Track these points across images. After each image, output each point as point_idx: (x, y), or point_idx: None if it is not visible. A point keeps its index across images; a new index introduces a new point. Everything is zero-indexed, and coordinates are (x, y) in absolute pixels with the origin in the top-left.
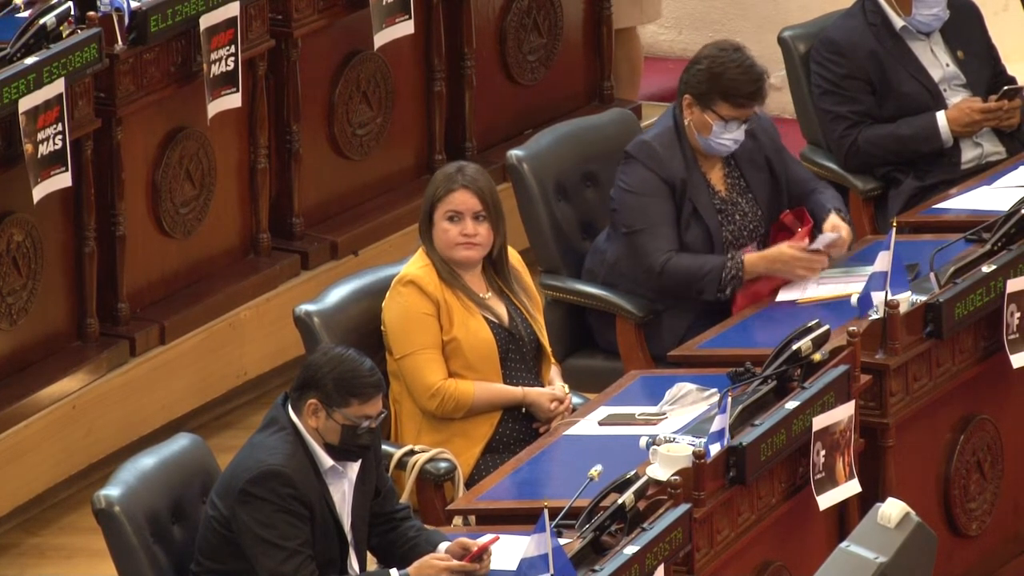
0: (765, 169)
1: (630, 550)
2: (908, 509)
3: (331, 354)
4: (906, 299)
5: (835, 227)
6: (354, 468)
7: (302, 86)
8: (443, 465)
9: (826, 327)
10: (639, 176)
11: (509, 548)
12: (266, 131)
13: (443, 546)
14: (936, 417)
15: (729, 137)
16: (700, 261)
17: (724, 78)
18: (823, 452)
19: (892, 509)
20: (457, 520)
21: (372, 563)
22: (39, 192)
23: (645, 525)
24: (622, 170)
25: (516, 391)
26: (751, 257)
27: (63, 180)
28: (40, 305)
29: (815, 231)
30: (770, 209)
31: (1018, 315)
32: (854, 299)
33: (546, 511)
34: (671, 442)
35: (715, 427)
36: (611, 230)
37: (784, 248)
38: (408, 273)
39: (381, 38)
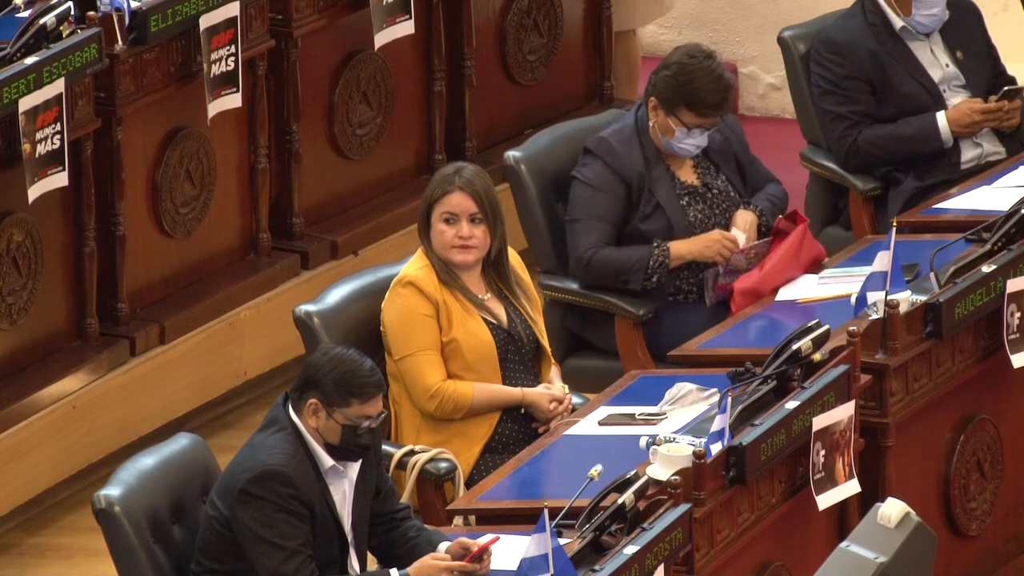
0: (732, 162)
1: (630, 550)
2: (908, 509)
3: (331, 354)
4: (906, 299)
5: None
6: (354, 468)
7: (302, 86)
8: (443, 465)
9: (826, 327)
10: (595, 170)
11: (509, 548)
12: (266, 131)
13: (443, 546)
14: (936, 417)
15: (692, 142)
16: (626, 254)
17: (690, 87)
18: (823, 452)
19: (892, 509)
20: (457, 520)
21: (372, 563)
22: (35, 192)
23: (645, 525)
24: (580, 163)
25: (515, 392)
26: (677, 244)
27: (60, 180)
28: (40, 305)
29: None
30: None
31: (1018, 315)
32: (854, 299)
33: (546, 511)
34: (671, 442)
35: (715, 427)
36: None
37: (714, 233)
38: (407, 274)
39: (381, 38)
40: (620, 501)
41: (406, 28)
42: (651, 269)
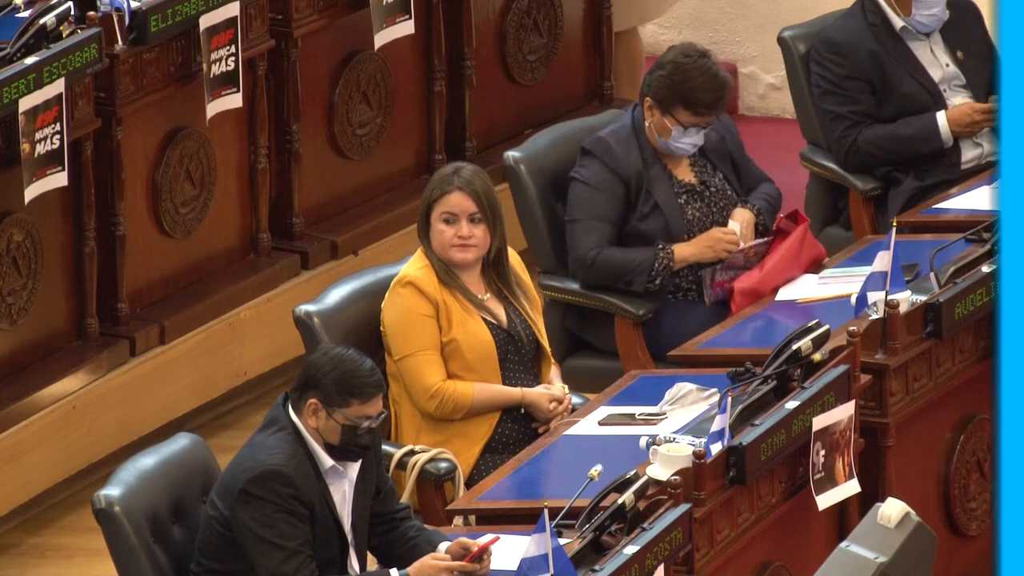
0: (728, 161)
1: (630, 550)
2: (908, 509)
3: (331, 354)
4: (906, 299)
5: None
6: (354, 468)
7: (302, 86)
8: (443, 465)
9: (826, 327)
10: (594, 170)
11: (509, 548)
12: (266, 131)
13: (443, 546)
14: (936, 417)
15: (688, 141)
16: (630, 255)
17: (685, 86)
18: (823, 452)
19: (892, 509)
20: (457, 520)
21: (372, 563)
22: (32, 192)
23: (645, 525)
24: (578, 163)
25: (515, 392)
26: (681, 247)
27: (59, 180)
28: (40, 305)
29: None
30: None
31: None
32: (854, 299)
33: (546, 511)
34: (671, 442)
35: (715, 427)
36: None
37: (713, 231)
38: (407, 274)
39: (381, 38)
40: (620, 501)
41: (406, 28)
42: (655, 272)
